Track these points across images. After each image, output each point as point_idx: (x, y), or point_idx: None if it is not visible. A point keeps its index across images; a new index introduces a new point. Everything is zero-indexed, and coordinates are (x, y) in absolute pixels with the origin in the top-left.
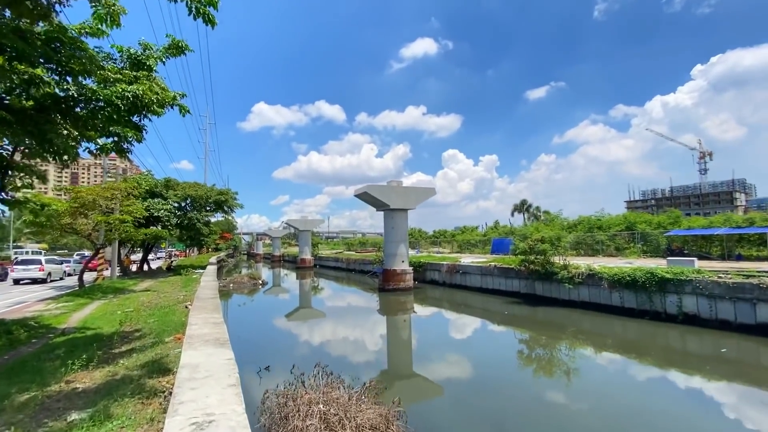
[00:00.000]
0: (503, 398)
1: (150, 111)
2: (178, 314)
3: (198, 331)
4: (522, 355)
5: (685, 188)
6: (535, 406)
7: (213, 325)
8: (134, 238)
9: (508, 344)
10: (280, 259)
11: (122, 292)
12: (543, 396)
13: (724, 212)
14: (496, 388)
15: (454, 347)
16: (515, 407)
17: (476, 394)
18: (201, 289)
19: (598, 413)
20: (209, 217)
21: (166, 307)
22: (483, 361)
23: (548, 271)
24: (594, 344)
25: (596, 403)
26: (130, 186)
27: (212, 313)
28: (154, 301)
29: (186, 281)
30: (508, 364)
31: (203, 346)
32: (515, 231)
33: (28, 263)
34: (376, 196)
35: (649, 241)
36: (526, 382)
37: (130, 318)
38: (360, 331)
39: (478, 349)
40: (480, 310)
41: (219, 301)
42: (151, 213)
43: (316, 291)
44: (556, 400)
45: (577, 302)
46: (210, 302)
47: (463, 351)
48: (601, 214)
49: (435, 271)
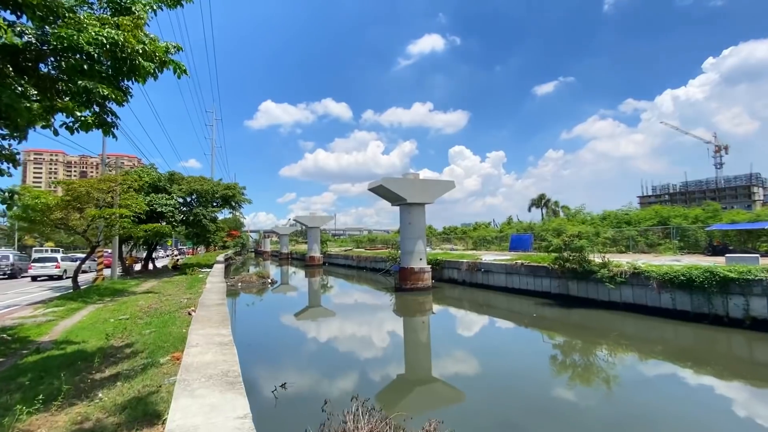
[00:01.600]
0: (532, 406)
1: (136, 71)
2: (179, 323)
3: (199, 358)
4: (555, 361)
5: (698, 183)
6: (567, 415)
7: (219, 347)
8: (134, 235)
9: (537, 349)
10: (288, 257)
11: (121, 294)
12: (578, 405)
13: (740, 207)
14: (523, 395)
15: (477, 351)
16: (545, 416)
17: (501, 401)
18: (206, 292)
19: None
20: (216, 213)
21: (166, 314)
22: (509, 367)
23: (586, 270)
24: (641, 351)
25: (643, 417)
26: (131, 179)
27: (218, 327)
28: (154, 305)
29: (191, 281)
30: (538, 369)
31: (204, 387)
32: (534, 227)
33: (45, 261)
34: (393, 189)
35: (686, 236)
36: (557, 390)
37: (122, 329)
38: (376, 333)
39: (503, 354)
40: (505, 312)
41: (227, 309)
42: (153, 208)
43: (327, 290)
44: (593, 411)
45: (619, 304)
46: (216, 311)
47: (486, 355)
48: (629, 208)
49: (453, 270)
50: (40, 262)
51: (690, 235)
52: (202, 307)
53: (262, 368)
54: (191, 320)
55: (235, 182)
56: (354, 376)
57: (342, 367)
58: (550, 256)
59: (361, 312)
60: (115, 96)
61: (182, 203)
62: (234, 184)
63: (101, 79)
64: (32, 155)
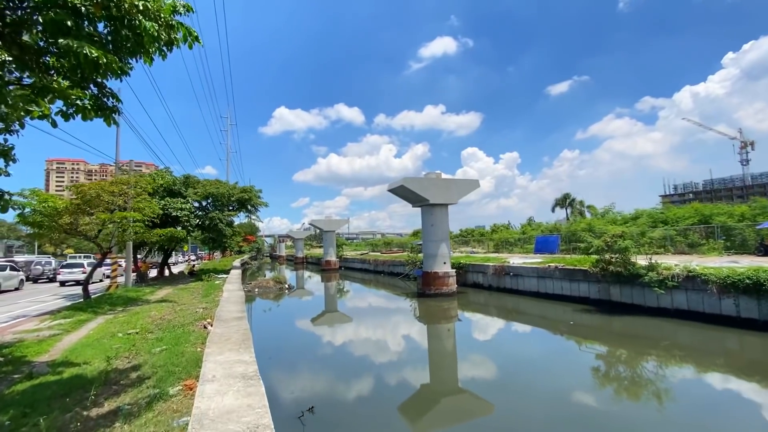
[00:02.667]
0: (570, 420)
1: (138, 38)
2: (194, 339)
3: (216, 403)
4: (597, 373)
5: (722, 180)
6: None
7: (242, 381)
8: (147, 240)
9: (575, 359)
10: (303, 261)
11: (134, 303)
12: (623, 422)
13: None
14: (560, 408)
15: (507, 360)
16: None
17: (534, 414)
18: (224, 302)
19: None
20: (232, 217)
21: (179, 327)
22: (542, 378)
23: (631, 273)
24: (698, 363)
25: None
26: (144, 182)
27: (239, 350)
28: (167, 316)
29: (207, 289)
30: (575, 381)
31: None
32: (560, 228)
33: (72, 266)
34: (414, 190)
35: (732, 235)
36: (599, 405)
37: (130, 346)
38: (399, 341)
39: (536, 364)
40: (537, 318)
41: (247, 324)
42: (168, 213)
43: (345, 295)
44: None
45: (670, 310)
46: (235, 327)
47: (517, 365)
48: (662, 207)
49: (478, 273)
50: (68, 268)
51: (736, 235)
52: (219, 322)
53: (285, 384)
54: (207, 337)
55: (251, 185)
56: (378, 386)
57: (365, 376)
58: (589, 259)
59: (383, 319)
60: (108, 62)
61: (198, 207)
62: (250, 187)
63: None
64: (54, 164)
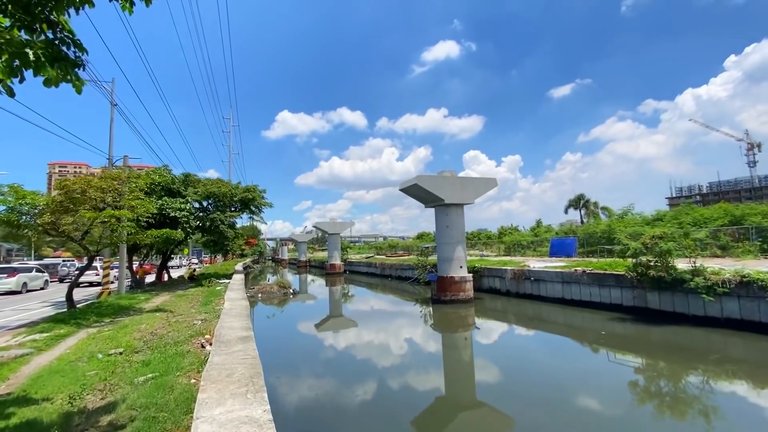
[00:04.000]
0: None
1: None
2: (188, 364)
3: None
4: (634, 388)
5: (728, 183)
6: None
7: None
8: (140, 242)
9: (606, 371)
10: (306, 265)
11: (126, 312)
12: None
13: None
14: (588, 424)
15: (529, 372)
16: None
17: (557, 426)
18: (225, 315)
19: None
20: (235, 218)
21: (172, 345)
22: (568, 391)
23: (675, 279)
24: (755, 379)
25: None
26: (137, 177)
27: (247, 396)
28: (159, 330)
29: (208, 295)
30: (605, 395)
31: None
32: (577, 230)
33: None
34: (429, 189)
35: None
36: (635, 421)
37: (109, 372)
38: (413, 351)
39: (561, 376)
40: (562, 327)
41: (255, 348)
42: (166, 213)
43: (351, 300)
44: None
45: (719, 320)
46: (240, 354)
47: (540, 377)
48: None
49: (495, 278)
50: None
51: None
52: (219, 345)
53: (293, 399)
54: (204, 360)
55: (255, 184)
56: (391, 400)
57: (378, 389)
58: (622, 262)
59: (396, 327)
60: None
61: (198, 208)
62: (254, 186)
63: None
64: (57, 168)
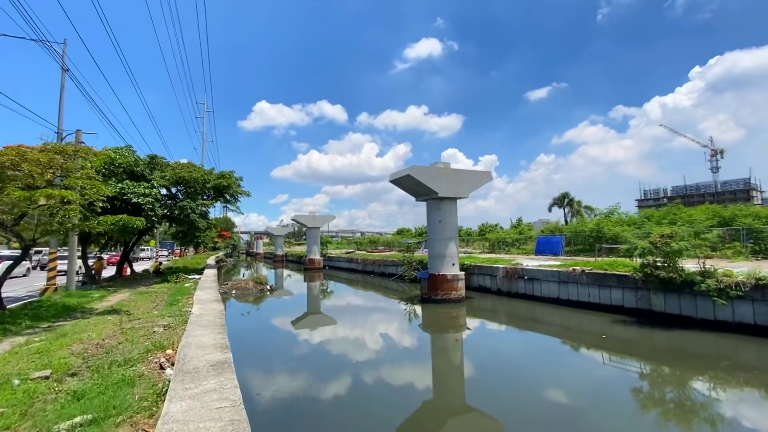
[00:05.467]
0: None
1: None
2: (137, 403)
3: None
4: (637, 395)
5: (690, 187)
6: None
7: None
8: (91, 230)
9: (605, 376)
10: (283, 259)
11: (71, 315)
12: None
13: None
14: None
15: (523, 376)
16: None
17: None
18: (193, 325)
19: None
20: (207, 207)
21: (120, 365)
22: (565, 396)
23: (686, 280)
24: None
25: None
26: (101, 160)
27: None
28: (109, 340)
29: (174, 294)
30: (605, 402)
31: None
32: (563, 228)
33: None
34: (422, 180)
35: (759, 238)
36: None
37: (20, 412)
38: (401, 353)
39: (558, 380)
40: (559, 329)
41: (235, 379)
42: (128, 199)
43: (330, 297)
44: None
45: (731, 324)
46: (215, 393)
47: (535, 381)
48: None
49: (485, 276)
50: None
51: (765, 238)
52: (183, 379)
53: (273, 415)
54: (163, 392)
55: (230, 171)
56: (376, 403)
57: (363, 393)
58: (627, 262)
59: (383, 328)
60: None
61: (166, 195)
62: (229, 172)
63: None
64: None
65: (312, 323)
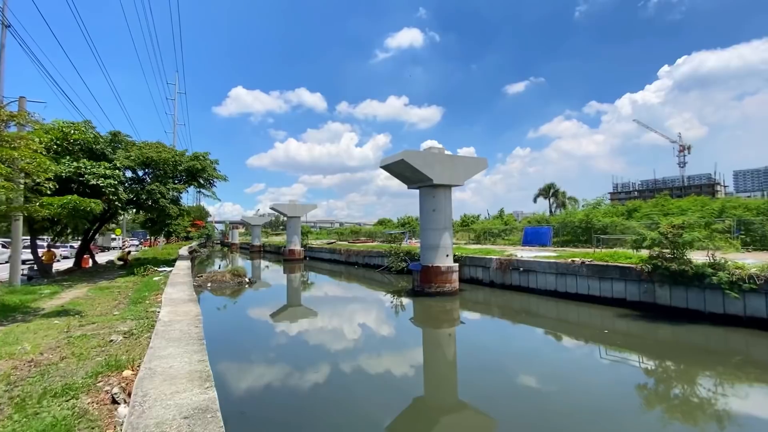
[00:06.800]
0: None
1: None
2: None
3: None
4: (642, 391)
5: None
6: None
7: None
8: (32, 214)
9: (607, 372)
10: (260, 250)
11: (9, 317)
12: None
13: None
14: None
15: (519, 371)
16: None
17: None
18: (160, 338)
19: None
20: (179, 192)
21: (58, 396)
22: (562, 392)
23: (696, 273)
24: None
25: None
26: (53, 135)
27: None
28: (48, 354)
29: (141, 289)
30: (606, 399)
31: None
32: (549, 219)
33: None
34: (416, 166)
35: (751, 230)
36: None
37: None
38: (392, 348)
39: (556, 375)
40: (557, 323)
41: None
42: (85, 180)
43: (311, 289)
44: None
45: (742, 318)
46: None
47: (531, 376)
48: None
49: (478, 268)
50: None
51: (756, 230)
52: (146, 425)
53: (256, 414)
54: None
55: (205, 152)
56: (366, 401)
57: (352, 390)
58: (622, 253)
59: (373, 322)
60: None
61: (131, 178)
62: (204, 154)
63: None
64: None
65: (294, 317)
